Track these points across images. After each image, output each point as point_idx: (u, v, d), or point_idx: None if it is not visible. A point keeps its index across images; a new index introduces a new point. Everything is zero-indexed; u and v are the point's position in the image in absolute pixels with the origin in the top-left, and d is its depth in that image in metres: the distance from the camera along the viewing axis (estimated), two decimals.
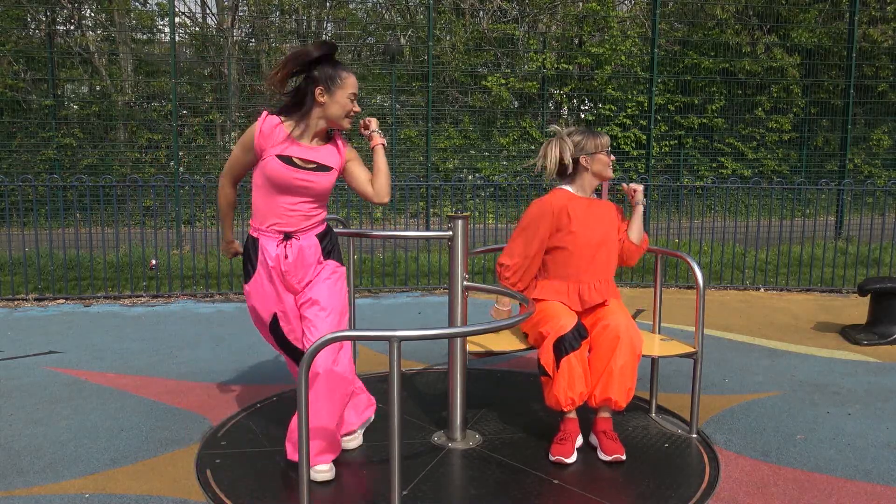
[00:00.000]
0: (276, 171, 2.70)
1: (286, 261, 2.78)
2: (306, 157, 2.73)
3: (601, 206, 3.27)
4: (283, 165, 2.71)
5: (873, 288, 4.99)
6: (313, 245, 2.82)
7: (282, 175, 2.71)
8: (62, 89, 12.03)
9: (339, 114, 2.74)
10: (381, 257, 7.42)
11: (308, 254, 2.80)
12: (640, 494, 2.71)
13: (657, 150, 12.64)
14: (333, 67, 2.72)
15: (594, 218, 3.20)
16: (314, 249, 2.82)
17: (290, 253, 2.78)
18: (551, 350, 2.94)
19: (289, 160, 2.71)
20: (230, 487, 2.74)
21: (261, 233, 2.81)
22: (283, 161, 2.71)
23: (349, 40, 13.52)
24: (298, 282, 2.82)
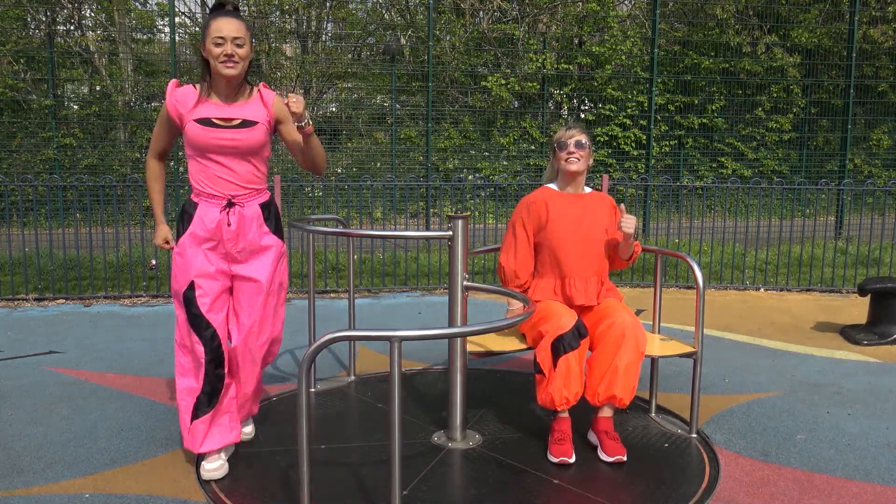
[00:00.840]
0: (196, 134, 2.68)
1: (228, 228, 2.74)
2: (226, 116, 2.69)
3: (588, 201, 3.27)
4: (202, 128, 2.68)
5: (873, 288, 4.99)
6: (255, 214, 2.79)
7: (202, 138, 2.68)
8: (62, 89, 12.03)
9: (214, 63, 2.65)
10: (381, 257, 7.42)
11: (250, 222, 2.78)
12: (640, 494, 2.71)
13: (657, 150, 12.64)
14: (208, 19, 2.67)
15: (575, 214, 3.23)
16: (257, 219, 2.79)
17: (233, 220, 2.74)
18: (549, 348, 2.93)
19: (207, 122, 2.68)
20: (230, 487, 2.74)
21: (202, 198, 2.78)
22: (201, 124, 2.68)
23: (349, 40, 13.53)
24: (239, 251, 2.79)
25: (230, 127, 2.69)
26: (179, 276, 2.79)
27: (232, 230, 2.75)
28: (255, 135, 2.72)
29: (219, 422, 2.86)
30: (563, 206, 3.25)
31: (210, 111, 2.70)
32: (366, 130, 12.59)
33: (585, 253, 3.21)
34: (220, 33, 2.61)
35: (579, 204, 3.26)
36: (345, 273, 7.08)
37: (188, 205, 2.80)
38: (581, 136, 3.23)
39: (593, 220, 3.24)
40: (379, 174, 11.51)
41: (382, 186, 8.79)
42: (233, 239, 2.77)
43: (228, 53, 2.61)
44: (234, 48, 2.62)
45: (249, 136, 2.71)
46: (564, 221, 3.21)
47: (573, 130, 3.25)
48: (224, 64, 2.62)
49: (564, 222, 3.21)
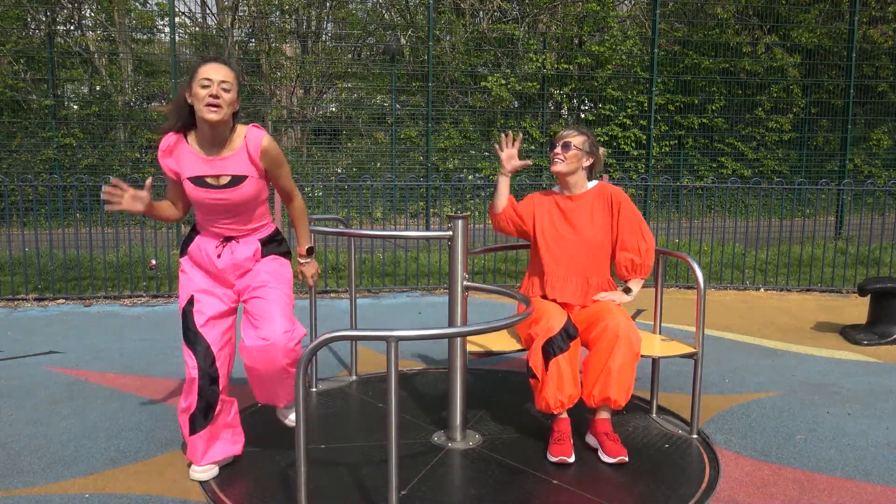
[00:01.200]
0: (192, 193, 2.69)
1: (218, 259, 2.76)
2: (216, 173, 2.65)
3: (582, 201, 3.28)
4: (196, 188, 2.66)
5: (873, 288, 4.99)
6: (253, 249, 2.79)
7: (198, 197, 2.68)
8: (62, 89, 12.03)
9: (200, 107, 2.54)
10: (381, 257, 7.42)
11: (246, 257, 2.78)
12: (640, 494, 2.71)
13: (657, 150, 12.64)
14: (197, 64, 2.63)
15: (559, 215, 3.28)
16: (254, 251, 2.79)
17: (225, 255, 2.76)
18: (540, 352, 2.93)
19: (200, 181, 2.65)
20: (230, 487, 2.74)
21: (204, 230, 2.80)
22: (194, 183, 2.66)
23: (349, 40, 13.52)
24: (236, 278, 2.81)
25: (221, 186, 2.65)
26: (182, 291, 2.83)
27: (226, 263, 2.77)
28: (246, 189, 2.68)
29: (221, 436, 2.86)
30: (550, 206, 3.32)
31: (200, 168, 2.65)
32: (366, 130, 12.59)
33: (567, 253, 3.24)
34: (206, 75, 2.54)
35: (570, 205, 3.28)
36: (345, 273, 7.08)
37: (192, 229, 2.85)
38: (572, 137, 3.23)
39: (583, 219, 3.25)
40: (379, 174, 11.51)
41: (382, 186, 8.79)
42: (226, 271, 2.79)
43: (214, 94, 2.52)
44: (219, 90, 2.54)
45: (240, 192, 2.68)
46: (547, 221, 3.29)
47: (566, 131, 3.27)
48: (209, 107, 2.52)
49: (547, 222, 3.28)
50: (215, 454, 2.84)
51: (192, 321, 2.75)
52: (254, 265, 2.82)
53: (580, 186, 3.32)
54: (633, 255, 3.23)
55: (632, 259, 3.23)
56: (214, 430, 2.82)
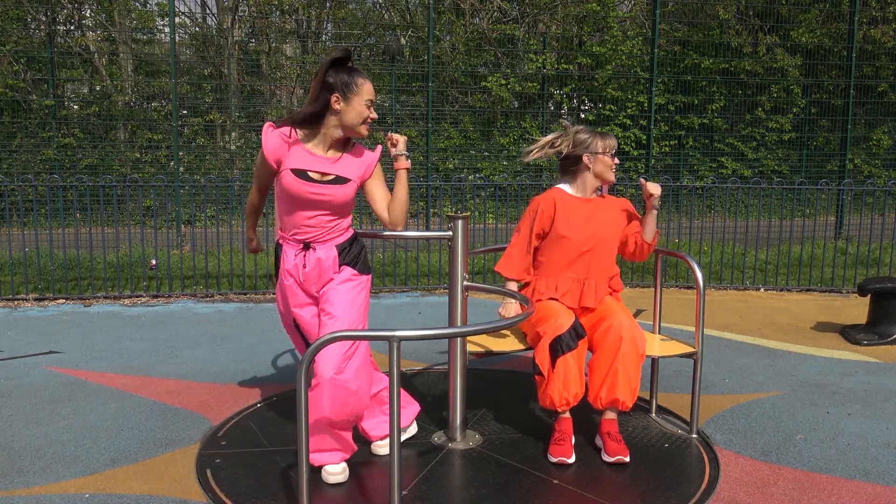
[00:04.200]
0: (290, 185, 2.68)
1: (304, 270, 2.78)
2: (323, 170, 2.69)
3: (599, 205, 3.26)
4: (297, 180, 2.67)
5: (873, 288, 4.99)
6: (331, 256, 2.78)
7: (296, 189, 2.68)
8: (62, 89, 12.03)
9: (356, 121, 2.67)
10: (381, 257, 7.42)
11: (325, 265, 2.78)
12: (640, 494, 2.71)
13: (657, 150, 12.64)
14: (349, 74, 2.65)
15: (585, 218, 3.20)
16: (332, 260, 2.78)
17: (308, 262, 2.77)
18: (547, 349, 2.93)
19: (303, 174, 2.67)
20: (230, 487, 2.74)
21: (284, 240, 2.83)
22: (296, 175, 2.67)
23: (349, 40, 13.52)
24: (316, 291, 2.82)
25: (324, 182, 2.69)
26: (285, 311, 2.91)
27: (307, 272, 2.78)
28: (346, 192, 2.72)
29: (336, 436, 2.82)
30: (575, 209, 3.21)
31: (307, 162, 2.69)
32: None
33: (594, 256, 3.21)
34: (371, 95, 2.69)
35: (592, 206, 3.24)
36: None
37: (277, 246, 2.89)
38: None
39: (604, 225, 3.23)
40: None
41: None
42: (308, 280, 2.80)
43: (373, 118, 2.70)
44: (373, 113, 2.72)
45: (340, 192, 2.71)
46: (573, 226, 3.17)
47: (614, 140, 3.24)
48: (366, 125, 2.70)
49: (573, 227, 3.17)
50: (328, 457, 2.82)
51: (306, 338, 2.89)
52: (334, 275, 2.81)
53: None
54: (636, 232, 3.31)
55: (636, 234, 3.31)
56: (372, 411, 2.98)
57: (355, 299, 2.79)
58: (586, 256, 3.19)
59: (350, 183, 2.73)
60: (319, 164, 2.70)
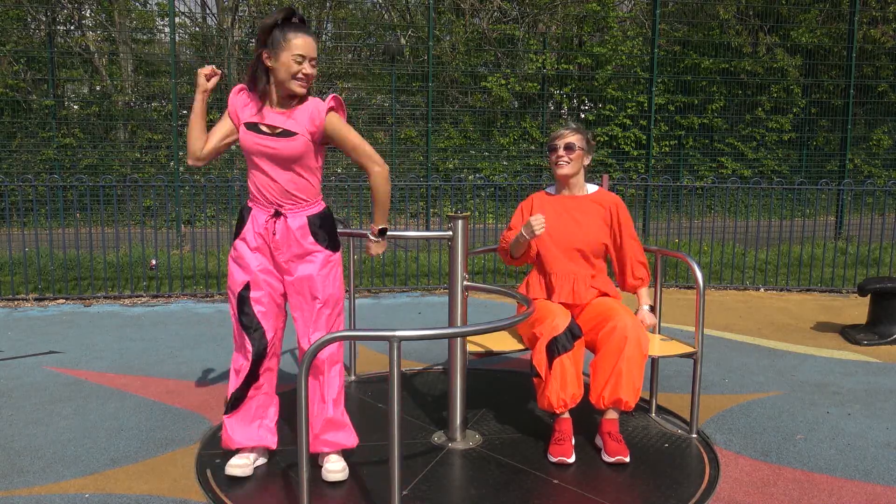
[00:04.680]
0: (242, 138, 2.73)
1: (274, 237, 2.76)
2: (272, 123, 2.70)
3: (583, 202, 3.29)
4: (247, 132, 2.71)
5: (873, 288, 4.99)
6: (302, 225, 2.76)
7: (245, 142, 2.72)
8: (62, 89, 12.03)
9: (286, 77, 2.64)
10: (381, 257, 7.42)
11: (296, 234, 2.75)
12: (640, 494, 2.71)
13: (657, 150, 12.64)
14: (283, 30, 2.65)
15: (561, 216, 3.27)
16: (302, 230, 2.76)
17: (279, 229, 2.75)
18: (544, 351, 2.93)
19: (255, 126, 2.71)
20: (230, 487, 2.74)
21: (254, 202, 2.81)
22: (248, 128, 2.72)
23: (349, 40, 13.52)
24: (286, 261, 2.79)
25: (272, 135, 2.70)
26: (237, 276, 2.82)
27: (277, 239, 2.77)
28: (292, 145, 2.69)
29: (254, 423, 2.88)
30: (551, 208, 3.30)
31: (259, 116, 2.72)
32: (366, 130, 12.59)
33: (569, 254, 3.24)
34: (300, 51, 2.63)
35: (570, 206, 3.28)
36: (345, 273, 7.08)
37: (244, 209, 2.85)
38: (572, 137, 3.23)
39: (582, 222, 3.25)
40: None
41: None
42: (278, 248, 2.78)
43: (307, 73, 2.65)
44: (310, 68, 2.66)
45: (286, 145, 2.69)
46: (549, 224, 3.26)
47: (565, 131, 3.25)
48: (299, 82, 2.66)
49: (549, 225, 3.26)
50: (246, 437, 2.86)
51: (250, 305, 2.78)
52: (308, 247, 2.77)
53: (580, 187, 3.33)
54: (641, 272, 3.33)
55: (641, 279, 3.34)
56: (246, 414, 2.85)
57: (334, 281, 2.83)
58: (562, 253, 3.24)
59: (297, 136, 2.69)
60: (270, 118, 2.71)
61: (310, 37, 2.67)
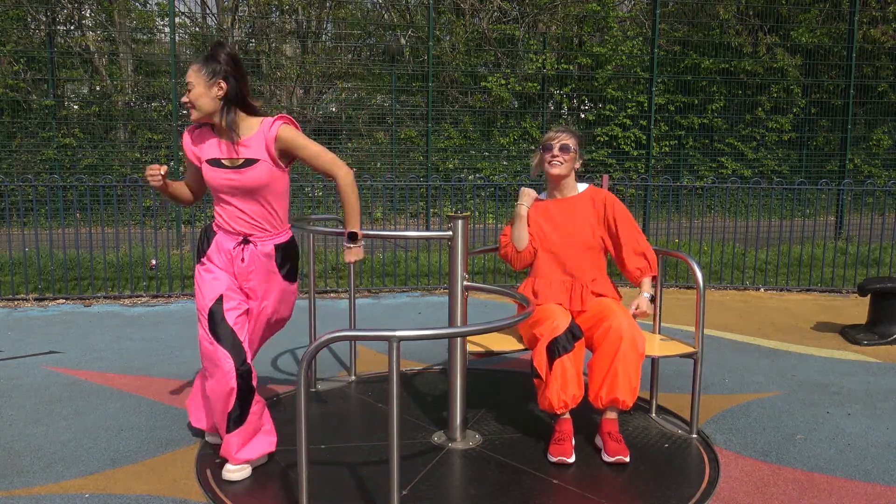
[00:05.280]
0: (207, 175, 2.76)
1: (241, 264, 2.79)
2: (231, 155, 2.72)
3: (574, 203, 3.29)
4: (211, 168, 2.74)
5: (873, 288, 4.99)
6: (269, 253, 2.81)
7: (211, 179, 2.75)
8: (62, 89, 12.02)
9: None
10: (381, 257, 7.42)
11: (262, 261, 2.81)
12: (640, 494, 2.71)
13: (657, 150, 12.64)
14: None
15: (553, 220, 3.28)
16: (269, 257, 2.81)
17: (246, 257, 2.79)
18: (545, 352, 2.93)
19: (216, 162, 2.74)
20: (230, 487, 2.74)
21: (221, 228, 2.82)
22: (210, 164, 2.75)
23: (349, 40, 13.52)
24: (249, 287, 2.84)
25: (234, 167, 2.72)
26: (206, 292, 2.80)
27: (243, 266, 2.79)
28: (256, 173, 2.71)
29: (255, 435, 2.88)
30: (543, 213, 3.31)
31: (218, 151, 2.75)
32: (366, 130, 12.59)
33: (568, 258, 3.24)
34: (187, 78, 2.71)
35: (562, 208, 3.29)
36: (345, 273, 7.08)
37: (209, 231, 2.86)
38: (568, 139, 3.23)
39: (576, 221, 3.26)
40: (379, 174, 11.51)
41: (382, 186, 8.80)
42: (243, 274, 2.81)
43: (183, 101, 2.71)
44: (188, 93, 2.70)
45: (251, 175, 2.71)
46: (542, 229, 3.28)
47: (561, 133, 3.25)
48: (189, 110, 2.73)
49: (542, 230, 3.27)
50: (251, 452, 2.85)
51: (225, 319, 2.75)
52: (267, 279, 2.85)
53: (571, 188, 3.33)
54: (639, 262, 3.26)
55: (639, 269, 3.28)
56: (249, 427, 2.84)
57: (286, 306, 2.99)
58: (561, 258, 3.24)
59: (258, 163, 2.70)
60: (228, 151, 2.74)
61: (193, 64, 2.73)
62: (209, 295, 2.78)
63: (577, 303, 3.22)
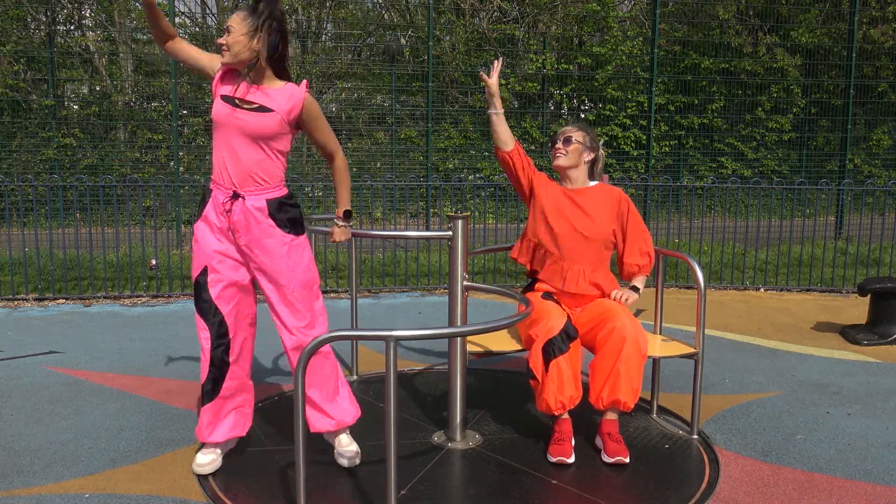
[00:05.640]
0: (215, 110, 2.72)
1: (231, 219, 2.73)
2: (248, 98, 2.69)
3: (585, 196, 3.29)
4: (222, 103, 2.70)
5: (873, 288, 4.99)
6: (261, 208, 2.73)
7: (218, 114, 2.71)
8: (62, 89, 12.02)
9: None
10: (381, 257, 7.42)
11: (254, 215, 2.72)
12: (640, 495, 2.71)
13: (657, 150, 12.64)
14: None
15: (561, 207, 3.27)
16: (261, 212, 2.72)
17: (236, 210, 2.72)
18: (540, 354, 2.93)
19: (230, 100, 2.70)
20: (230, 487, 2.74)
21: (215, 185, 2.79)
22: (223, 100, 2.71)
23: (349, 40, 13.52)
24: (246, 244, 2.76)
25: (247, 109, 2.68)
26: (195, 261, 2.82)
27: (234, 221, 2.73)
28: (265, 122, 2.67)
29: (226, 416, 2.89)
30: (555, 196, 3.31)
31: (236, 90, 2.71)
32: (366, 130, 12.59)
33: (570, 245, 3.24)
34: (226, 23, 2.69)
35: (576, 196, 3.29)
36: (345, 273, 7.08)
37: (206, 190, 2.83)
38: (573, 133, 3.27)
39: (591, 212, 3.25)
40: (379, 174, 11.51)
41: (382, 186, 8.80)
42: (237, 230, 2.75)
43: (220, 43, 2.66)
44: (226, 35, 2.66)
45: (260, 121, 2.67)
46: (549, 211, 3.28)
47: (567, 127, 3.32)
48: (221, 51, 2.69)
49: (549, 211, 3.27)
50: (220, 433, 2.87)
51: (207, 291, 2.77)
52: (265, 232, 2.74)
53: (582, 182, 3.33)
54: (640, 260, 3.28)
55: (638, 265, 3.29)
56: (220, 406, 2.85)
57: (298, 263, 2.78)
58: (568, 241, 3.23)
59: (273, 113, 2.68)
60: (246, 92, 2.71)
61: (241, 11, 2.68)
62: (196, 265, 2.82)
63: (571, 284, 3.20)
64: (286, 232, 2.76)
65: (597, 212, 3.26)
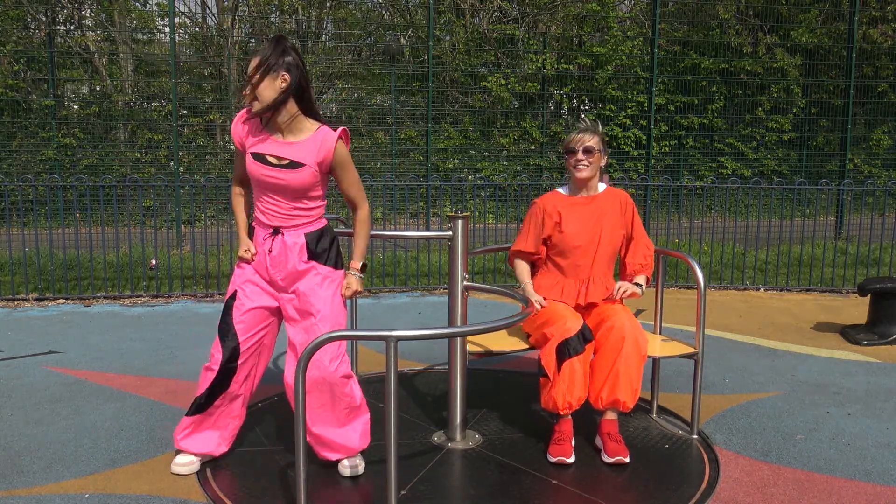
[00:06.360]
0: (249, 167, 2.73)
1: (270, 255, 2.77)
2: (278, 154, 2.70)
3: (600, 201, 3.28)
4: (254, 162, 2.71)
5: (873, 288, 4.99)
6: (299, 243, 2.75)
7: (253, 172, 2.72)
8: (62, 89, 12.02)
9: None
10: (381, 257, 7.42)
11: (292, 251, 2.75)
12: (640, 495, 2.71)
13: (657, 150, 12.64)
14: None
15: (581, 218, 3.24)
16: (299, 247, 2.75)
17: (275, 247, 2.76)
18: (554, 352, 2.93)
19: (261, 157, 2.71)
20: (230, 487, 2.74)
21: (257, 222, 2.84)
22: (254, 158, 2.72)
23: (349, 40, 13.52)
24: (281, 279, 2.79)
25: (279, 166, 2.69)
26: (231, 285, 2.88)
27: (273, 256, 2.77)
28: (301, 177, 2.69)
29: (207, 431, 2.90)
30: (575, 210, 3.25)
31: (266, 146, 2.72)
32: (366, 130, 12.59)
33: (598, 254, 3.23)
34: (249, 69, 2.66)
35: (591, 206, 3.26)
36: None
37: (250, 227, 2.89)
38: (591, 140, 3.20)
39: (604, 220, 3.25)
40: (379, 174, 11.51)
41: (382, 186, 8.80)
42: (274, 265, 2.78)
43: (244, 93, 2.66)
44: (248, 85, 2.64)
45: (295, 177, 2.69)
46: (577, 226, 3.22)
47: (583, 135, 3.21)
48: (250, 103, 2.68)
49: (577, 227, 3.22)
50: (193, 444, 2.89)
51: (230, 315, 2.80)
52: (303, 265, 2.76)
53: (595, 187, 3.33)
54: (645, 261, 3.29)
55: (641, 264, 3.29)
56: (203, 420, 2.87)
57: (334, 296, 2.79)
58: (577, 253, 3.22)
59: (304, 168, 2.68)
60: (276, 148, 2.71)
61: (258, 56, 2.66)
62: (230, 288, 2.88)
63: (589, 297, 3.20)
64: (323, 264, 2.79)
65: (609, 220, 3.25)
